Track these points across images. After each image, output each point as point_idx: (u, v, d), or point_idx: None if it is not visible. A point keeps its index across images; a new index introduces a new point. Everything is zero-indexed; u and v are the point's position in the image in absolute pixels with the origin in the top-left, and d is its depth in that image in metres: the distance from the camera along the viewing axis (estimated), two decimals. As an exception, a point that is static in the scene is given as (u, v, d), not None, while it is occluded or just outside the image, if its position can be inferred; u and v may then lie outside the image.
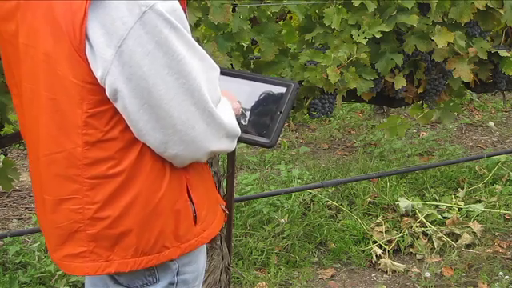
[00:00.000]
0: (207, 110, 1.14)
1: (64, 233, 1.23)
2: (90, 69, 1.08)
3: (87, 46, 1.07)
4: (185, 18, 1.12)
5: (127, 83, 1.07)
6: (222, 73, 1.51)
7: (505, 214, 3.60)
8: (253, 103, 1.57)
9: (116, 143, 1.16)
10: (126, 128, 1.15)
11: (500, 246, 3.29)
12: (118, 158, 1.16)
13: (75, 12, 1.05)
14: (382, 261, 3.16)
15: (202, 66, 1.14)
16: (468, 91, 2.67)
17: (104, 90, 1.10)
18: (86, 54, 1.07)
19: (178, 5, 1.10)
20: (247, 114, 1.57)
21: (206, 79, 1.15)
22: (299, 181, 4.00)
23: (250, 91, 1.55)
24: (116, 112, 1.13)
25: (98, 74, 1.08)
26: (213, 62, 1.19)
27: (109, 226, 1.20)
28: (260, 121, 1.55)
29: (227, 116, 1.22)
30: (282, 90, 1.56)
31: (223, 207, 1.46)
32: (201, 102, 1.13)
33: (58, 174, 1.20)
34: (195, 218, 1.28)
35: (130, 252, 1.22)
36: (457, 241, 3.32)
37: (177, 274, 1.33)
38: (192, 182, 1.27)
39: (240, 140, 1.59)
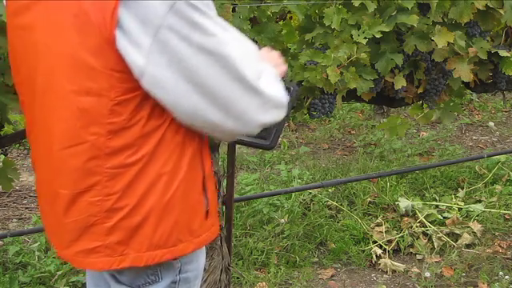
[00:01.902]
0: (249, 85, 1.16)
1: (79, 227, 1.23)
2: (120, 57, 1.10)
3: (119, 36, 1.08)
4: (212, 3, 1.15)
5: (168, 69, 1.09)
6: None
7: (505, 214, 3.60)
8: None
9: (138, 131, 1.17)
10: (150, 116, 1.17)
11: (500, 246, 3.29)
12: (138, 145, 1.17)
13: (105, 2, 1.07)
14: (381, 261, 3.16)
15: (237, 44, 1.17)
16: (468, 91, 2.67)
17: (132, 77, 1.11)
18: (116, 44, 1.08)
19: None
20: None
21: (244, 56, 1.17)
22: (299, 181, 4.00)
23: None
24: (142, 99, 1.15)
25: (138, 63, 1.09)
26: (246, 38, 1.23)
27: (125, 217, 1.20)
28: None
29: (271, 87, 1.23)
30: None
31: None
32: (241, 78, 1.15)
33: (78, 167, 1.19)
34: (207, 212, 1.30)
35: (145, 245, 1.22)
36: (457, 241, 3.32)
37: (179, 272, 1.33)
38: (207, 175, 1.29)
39: (240, 142, 1.60)
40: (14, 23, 1.25)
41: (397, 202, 3.62)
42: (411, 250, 3.29)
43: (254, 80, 1.17)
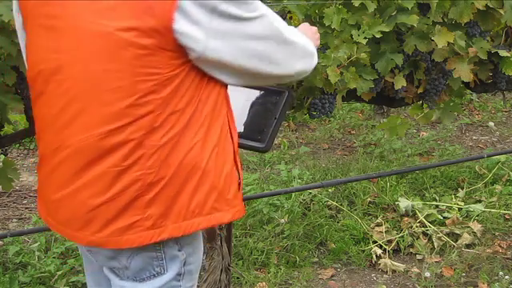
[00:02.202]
0: (293, 45, 1.36)
1: (120, 204, 1.25)
2: (173, 38, 1.19)
3: (178, 18, 1.18)
4: None
5: (225, 43, 1.23)
6: None
7: (505, 214, 3.60)
8: (249, 109, 1.62)
9: (178, 105, 1.24)
10: (187, 90, 1.25)
11: (500, 246, 3.29)
12: (176, 118, 1.25)
13: None
14: (382, 261, 3.16)
15: (275, 16, 1.32)
16: (468, 91, 2.67)
17: (180, 55, 1.22)
18: (173, 26, 1.18)
19: None
20: (243, 119, 1.62)
21: (281, 24, 1.33)
22: (299, 181, 4.00)
23: (246, 98, 1.60)
24: (185, 75, 1.24)
25: (200, 38, 1.20)
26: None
27: (164, 188, 1.25)
28: (255, 126, 1.61)
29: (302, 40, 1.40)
30: (277, 96, 1.63)
31: None
32: (285, 41, 1.33)
33: (126, 142, 1.23)
34: (239, 185, 1.38)
35: (182, 214, 1.27)
36: (457, 241, 3.31)
37: (184, 264, 1.36)
38: (236, 150, 1.38)
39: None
40: (37, 11, 1.28)
41: (397, 202, 3.62)
42: (411, 249, 3.29)
43: (292, 37, 1.35)
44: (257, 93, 1.67)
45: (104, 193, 1.25)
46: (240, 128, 1.60)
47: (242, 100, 1.58)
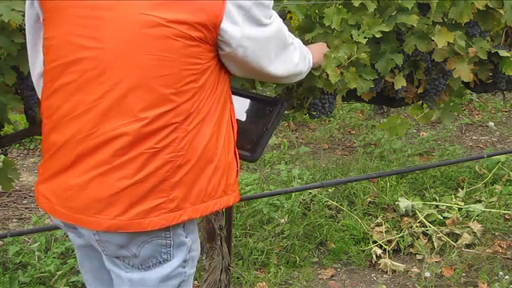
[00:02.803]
0: (291, 48, 1.57)
1: (147, 186, 1.32)
2: (214, 33, 1.34)
3: (225, 19, 1.34)
4: None
5: (248, 44, 1.41)
6: None
7: (505, 214, 3.60)
8: (241, 119, 1.64)
9: (205, 96, 1.38)
10: (213, 83, 1.40)
11: (500, 246, 3.29)
12: (201, 107, 1.37)
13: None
14: (382, 261, 3.16)
15: (282, 24, 1.51)
16: (468, 91, 2.67)
17: (214, 49, 1.37)
18: (221, 24, 1.33)
19: None
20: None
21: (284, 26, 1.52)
22: (299, 181, 4.00)
23: (238, 106, 1.62)
24: (213, 68, 1.39)
25: (236, 37, 1.37)
26: None
27: (189, 171, 1.36)
28: (246, 136, 1.63)
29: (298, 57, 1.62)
30: (271, 107, 1.66)
31: None
32: (287, 44, 1.54)
33: (164, 125, 1.33)
34: (237, 171, 1.51)
35: (201, 197, 1.39)
36: (457, 241, 3.32)
37: (189, 251, 1.43)
38: (235, 139, 1.52)
39: None
40: (81, 5, 1.33)
41: (397, 202, 3.62)
42: (411, 249, 3.29)
43: (291, 47, 1.57)
44: (250, 102, 1.69)
45: (135, 174, 1.32)
46: None
47: (235, 108, 1.59)
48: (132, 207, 1.32)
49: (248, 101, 1.71)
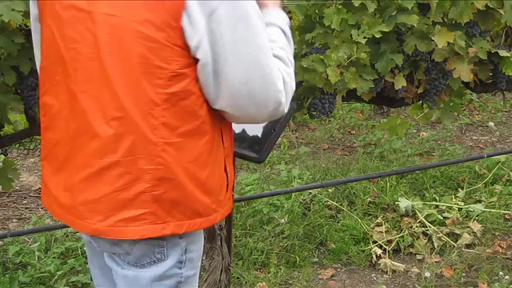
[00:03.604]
0: (270, 79, 1.26)
1: (127, 195, 1.28)
2: (182, 35, 1.21)
3: (185, 16, 1.20)
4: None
5: (210, 49, 1.21)
6: None
7: (505, 214, 3.60)
8: None
9: (187, 106, 1.27)
10: (199, 94, 1.27)
11: (500, 246, 3.29)
12: (185, 120, 1.27)
13: None
14: (382, 261, 3.16)
15: (268, 42, 1.28)
16: (468, 91, 2.67)
17: (190, 54, 1.23)
18: (181, 23, 1.20)
19: None
20: (241, 128, 1.62)
21: (269, 53, 1.28)
22: (299, 181, 4.00)
23: None
24: (194, 76, 1.26)
25: (194, 41, 1.21)
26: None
27: (173, 187, 1.29)
28: (253, 136, 1.60)
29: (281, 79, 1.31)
30: None
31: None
32: (267, 72, 1.25)
33: (136, 133, 1.26)
34: (227, 186, 1.43)
35: (187, 214, 1.32)
36: (457, 241, 3.32)
37: (185, 252, 1.39)
38: (228, 153, 1.43)
39: None
40: (62, 5, 1.30)
41: (397, 202, 3.62)
42: (411, 249, 3.29)
43: (275, 77, 1.28)
44: None
45: (115, 182, 1.28)
46: (238, 137, 1.60)
47: None
48: (113, 214, 1.29)
49: None
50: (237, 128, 1.65)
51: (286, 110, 1.32)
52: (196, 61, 1.24)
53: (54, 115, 1.37)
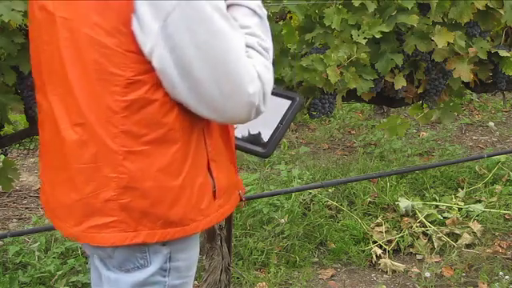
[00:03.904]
0: (239, 83, 1.18)
1: (96, 202, 1.25)
2: (135, 40, 1.15)
3: (134, 20, 1.13)
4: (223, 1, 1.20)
5: (170, 55, 1.14)
6: None
7: (505, 214, 3.60)
8: None
9: (151, 114, 1.21)
10: (162, 100, 1.20)
11: (500, 246, 3.29)
12: (150, 128, 1.21)
13: None
14: (382, 261, 3.16)
15: (241, 41, 1.19)
16: (468, 91, 2.67)
17: (146, 60, 1.16)
18: (132, 27, 1.14)
19: None
20: (248, 122, 1.59)
21: (244, 53, 1.19)
22: (299, 181, 4.00)
23: None
24: (155, 83, 1.19)
25: (147, 46, 1.14)
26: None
27: (141, 196, 1.24)
28: (260, 130, 1.58)
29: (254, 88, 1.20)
30: (287, 102, 1.60)
31: (241, 194, 1.49)
32: (236, 76, 1.17)
33: (97, 140, 1.22)
34: (214, 193, 1.34)
35: (159, 224, 1.27)
36: (457, 241, 3.31)
37: (169, 260, 1.34)
38: (212, 157, 1.33)
39: (236, 147, 1.61)
40: (37, 5, 1.29)
41: (397, 202, 3.62)
42: (411, 249, 3.29)
43: (246, 84, 1.19)
44: None
45: (83, 188, 1.26)
46: (244, 131, 1.58)
47: None
48: (85, 220, 1.27)
49: None
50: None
51: (264, 107, 1.24)
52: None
53: (44, 114, 1.36)
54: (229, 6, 1.25)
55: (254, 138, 1.56)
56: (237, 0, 1.27)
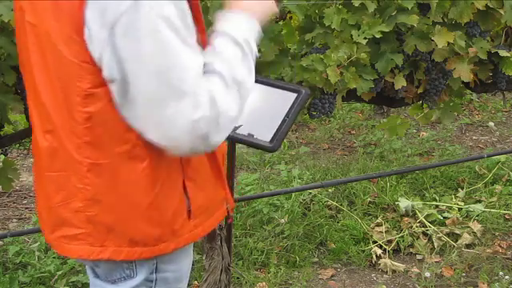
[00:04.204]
0: (183, 105, 1.08)
1: (66, 212, 1.23)
2: (88, 49, 1.09)
3: (86, 28, 1.07)
4: (184, 12, 1.09)
5: (116, 65, 1.07)
6: None
7: (505, 214, 3.60)
8: (261, 106, 1.57)
9: (114, 128, 1.15)
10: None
11: (500, 246, 3.29)
12: (113, 142, 1.16)
13: None
14: (382, 261, 3.16)
15: (193, 59, 1.09)
16: (468, 91, 2.67)
17: (101, 70, 1.10)
18: (84, 36, 1.08)
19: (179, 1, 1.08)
20: (254, 116, 1.57)
21: (196, 74, 1.09)
22: (299, 181, 4.00)
23: (259, 94, 1.55)
24: (111, 97, 1.13)
25: (96, 56, 1.08)
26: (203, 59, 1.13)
27: (107, 211, 1.20)
28: (266, 124, 1.55)
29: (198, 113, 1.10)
30: (292, 95, 1.57)
31: (229, 208, 1.43)
32: (180, 98, 1.07)
33: (64, 149, 1.20)
34: (189, 212, 1.27)
35: (126, 241, 1.22)
36: (457, 241, 3.31)
37: (156, 271, 1.30)
38: (188, 176, 1.26)
39: (243, 141, 1.58)
40: (18, 6, 1.27)
41: (397, 202, 3.62)
42: (411, 249, 3.29)
43: (190, 106, 1.10)
44: (271, 89, 1.62)
45: (54, 196, 1.24)
46: (251, 125, 1.56)
47: (254, 96, 1.54)
48: (56, 229, 1.26)
49: (268, 88, 1.63)
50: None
51: (217, 138, 1.12)
52: None
53: (31, 117, 1.35)
54: (214, 32, 1.20)
55: (261, 133, 1.54)
56: (223, 27, 1.20)
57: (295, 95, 1.57)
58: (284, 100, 1.57)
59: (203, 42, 1.21)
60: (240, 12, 1.23)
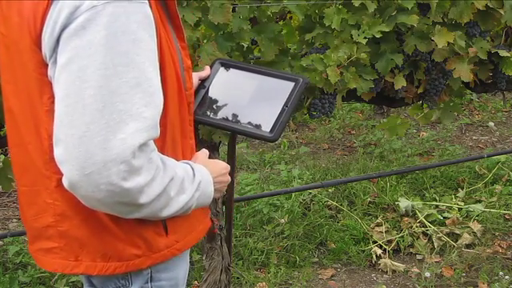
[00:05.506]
0: (111, 148, 1.01)
1: (39, 226, 1.22)
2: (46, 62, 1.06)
3: (42, 39, 1.05)
4: (145, 26, 1.04)
5: (58, 75, 1.03)
6: (231, 66, 1.52)
7: (505, 214, 3.60)
8: (259, 96, 1.56)
9: None
10: None
11: (500, 246, 3.29)
12: None
13: (38, 2, 1.04)
14: (382, 261, 3.16)
15: (131, 102, 1.01)
16: (468, 91, 2.67)
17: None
18: (42, 49, 1.05)
19: (138, 11, 1.02)
20: (253, 106, 1.55)
21: (141, 99, 1.02)
22: (299, 181, 4.00)
23: (257, 84, 1.54)
24: None
25: (49, 66, 1.06)
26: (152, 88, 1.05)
27: (78, 226, 1.18)
28: (265, 114, 1.53)
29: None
30: (290, 84, 1.55)
31: (213, 217, 1.41)
32: (97, 132, 1.00)
33: (32, 164, 1.18)
34: (166, 228, 1.23)
35: (99, 256, 1.20)
36: (457, 241, 3.32)
37: (150, 280, 1.28)
38: None
39: (243, 133, 1.57)
40: None
41: (397, 202, 3.62)
42: (411, 249, 3.29)
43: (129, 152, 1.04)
44: (269, 79, 1.60)
45: (28, 210, 1.24)
46: (250, 116, 1.55)
47: (252, 86, 1.52)
48: (34, 242, 1.25)
49: (265, 78, 1.62)
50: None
51: (94, 197, 1.04)
52: None
53: None
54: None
55: (260, 123, 1.52)
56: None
57: (293, 84, 1.55)
58: (282, 89, 1.56)
59: (183, 48, 1.22)
60: (202, 161, 1.29)
